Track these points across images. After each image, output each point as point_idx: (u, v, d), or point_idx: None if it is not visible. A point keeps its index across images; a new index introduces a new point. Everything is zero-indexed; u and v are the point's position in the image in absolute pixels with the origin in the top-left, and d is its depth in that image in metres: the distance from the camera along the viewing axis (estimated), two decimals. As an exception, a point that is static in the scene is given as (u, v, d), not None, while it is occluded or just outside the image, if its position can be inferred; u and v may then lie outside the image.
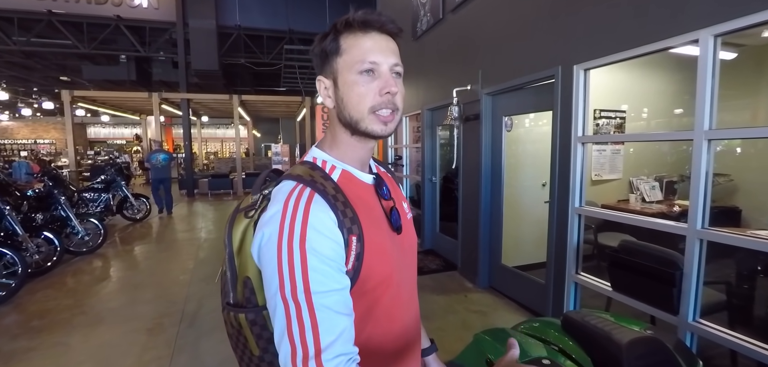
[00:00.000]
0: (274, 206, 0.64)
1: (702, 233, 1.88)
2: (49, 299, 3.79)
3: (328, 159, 0.74)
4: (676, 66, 3.60)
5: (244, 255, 0.69)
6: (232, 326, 0.72)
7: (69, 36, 10.04)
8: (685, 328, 1.95)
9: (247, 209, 0.72)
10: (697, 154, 1.86)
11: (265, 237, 0.63)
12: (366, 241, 0.66)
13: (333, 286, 0.60)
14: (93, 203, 6.63)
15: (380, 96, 0.69)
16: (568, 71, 2.62)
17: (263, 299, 0.67)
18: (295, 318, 0.58)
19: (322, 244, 0.61)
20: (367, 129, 0.70)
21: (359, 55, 0.68)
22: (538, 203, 3.78)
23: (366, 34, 0.69)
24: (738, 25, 1.69)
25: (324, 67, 0.73)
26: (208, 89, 12.25)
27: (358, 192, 0.72)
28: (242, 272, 0.70)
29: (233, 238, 0.71)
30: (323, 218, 0.62)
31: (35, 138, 21.89)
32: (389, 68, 0.69)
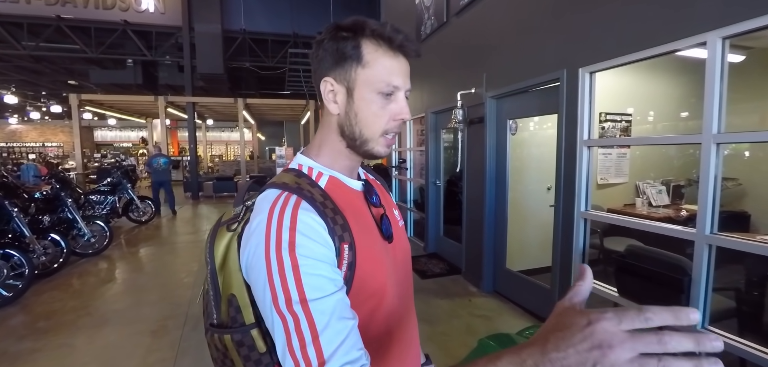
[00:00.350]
0: (257, 216, 0.60)
1: (711, 239, 1.85)
2: (55, 301, 3.81)
3: (315, 166, 0.70)
4: (682, 69, 3.58)
5: (228, 271, 0.65)
6: (217, 349, 0.67)
7: (77, 41, 10.16)
8: (694, 334, 1.92)
9: (230, 222, 0.68)
10: (706, 158, 1.84)
11: (251, 250, 0.59)
12: (358, 249, 0.62)
13: (329, 289, 0.56)
14: (99, 205, 6.68)
15: (393, 121, 0.67)
16: (574, 74, 2.61)
17: (250, 318, 0.64)
18: (294, 331, 0.54)
19: (313, 248, 0.57)
20: (372, 150, 0.68)
21: (384, 75, 0.64)
22: (543, 206, 3.76)
23: (394, 55, 0.65)
24: (746, 27, 1.67)
25: (336, 70, 0.66)
26: (213, 93, 12.34)
27: (348, 199, 0.68)
28: (226, 290, 0.65)
29: (215, 253, 0.66)
30: (312, 224, 0.59)
31: (43, 141, 22.15)
32: (405, 94, 0.67)
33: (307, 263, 0.56)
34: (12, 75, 13.55)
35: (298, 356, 0.53)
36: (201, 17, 10.29)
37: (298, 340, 0.53)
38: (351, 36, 0.65)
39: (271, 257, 0.56)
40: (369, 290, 0.64)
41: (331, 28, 0.67)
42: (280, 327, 0.54)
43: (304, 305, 0.54)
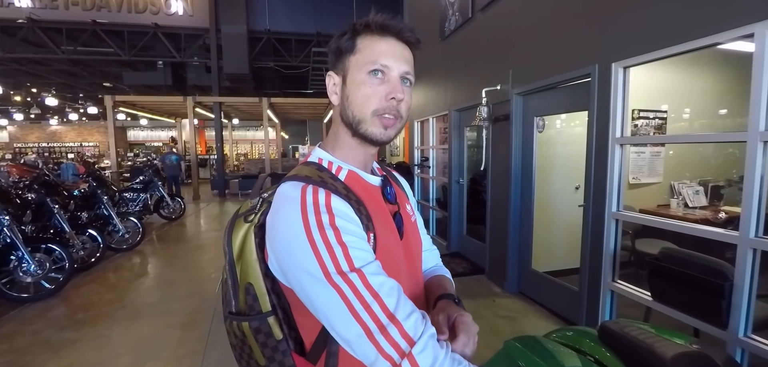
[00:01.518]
0: (287, 205, 0.62)
1: (756, 242, 1.74)
2: (92, 293, 4.00)
3: (334, 160, 0.72)
4: (721, 63, 3.39)
5: (245, 261, 0.68)
6: (236, 335, 0.70)
7: (111, 44, 10.63)
8: (735, 343, 1.82)
9: (247, 214, 0.71)
10: (752, 157, 1.73)
11: (286, 235, 0.60)
12: (379, 241, 0.66)
13: (372, 258, 0.60)
14: (132, 202, 6.96)
15: (386, 101, 0.67)
16: (606, 69, 2.51)
17: (267, 306, 0.67)
18: (354, 296, 0.56)
19: (351, 227, 0.61)
20: (366, 131, 0.69)
21: (372, 56, 0.67)
22: (571, 206, 3.66)
23: (382, 37, 0.69)
24: (797, 17, 1.56)
25: (336, 64, 0.72)
26: (239, 92, 12.63)
27: (367, 193, 0.71)
28: (244, 279, 0.68)
29: (233, 244, 0.69)
30: (345, 209, 0.62)
31: (81, 141, 23.29)
32: (399, 74, 0.68)
33: (350, 238, 0.59)
34: (52, 78, 14.31)
35: (365, 318, 0.55)
36: (227, 18, 10.57)
37: (360, 303, 0.56)
38: (349, 32, 0.70)
39: (314, 235, 0.58)
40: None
41: (337, 34, 0.73)
42: (336, 297, 0.56)
43: (358, 272, 0.57)
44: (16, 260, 3.70)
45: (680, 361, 1.19)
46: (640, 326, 1.47)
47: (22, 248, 3.69)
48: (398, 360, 0.55)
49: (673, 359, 1.19)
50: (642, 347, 1.31)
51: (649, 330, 1.43)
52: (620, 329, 1.42)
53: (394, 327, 0.56)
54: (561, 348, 1.42)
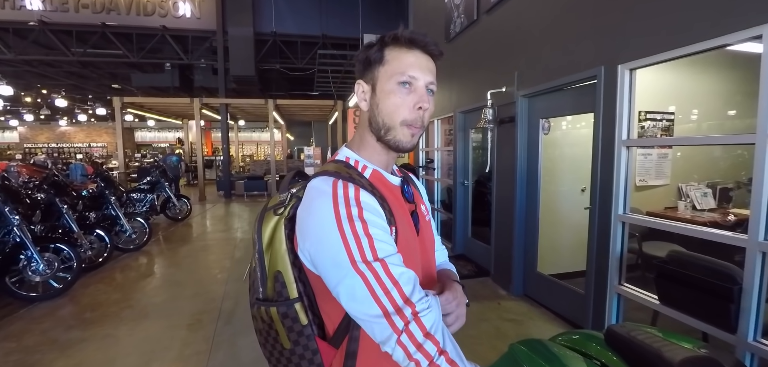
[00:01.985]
0: (319, 198, 0.68)
1: (765, 246, 1.72)
2: (100, 293, 4.04)
3: (360, 159, 0.78)
4: (730, 64, 3.35)
5: (274, 251, 0.73)
6: (263, 320, 0.75)
7: (120, 46, 10.77)
8: (744, 348, 1.80)
9: (276, 207, 0.76)
10: (760, 158, 1.71)
11: (317, 227, 0.66)
12: (399, 236, 0.72)
13: (393, 251, 0.67)
14: (139, 203, 7.02)
15: (414, 111, 0.73)
16: (612, 71, 2.50)
17: (294, 293, 0.72)
18: (376, 282, 0.62)
19: (377, 220, 0.67)
20: (394, 138, 0.74)
21: (400, 67, 0.73)
22: (577, 209, 3.63)
23: (410, 50, 0.74)
24: (807, 18, 1.54)
25: (365, 73, 0.77)
26: (245, 94, 12.71)
27: (389, 191, 0.77)
28: (273, 267, 0.73)
29: (263, 235, 0.75)
30: (372, 203, 0.69)
31: (89, 142, 23.57)
32: (425, 85, 0.74)
33: (375, 231, 0.65)
34: (62, 80, 14.51)
35: (384, 301, 0.62)
36: (234, 21, 10.66)
37: (381, 288, 0.62)
38: (376, 43, 0.76)
39: (344, 228, 0.64)
40: None
41: (365, 44, 0.79)
42: (360, 282, 0.63)
43: (380, 262, 0.64)
44: (26, 259, 3.75)
45: (687, 365, 1.17)
46: (647, 330, 1.46)
47: (31, 248, 3.74)
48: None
49: (680, 363, 1.18)
50: (649, 351, 1.29)
51: (656, 334, 1.42)
52: (627, 333, 1.41)
53: (409, 309, 0.62)
54: (567, 352, 1.41)
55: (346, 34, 11.07)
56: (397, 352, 0.62)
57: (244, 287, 4.14)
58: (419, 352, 0.61)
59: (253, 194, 11.91)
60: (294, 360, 0.74)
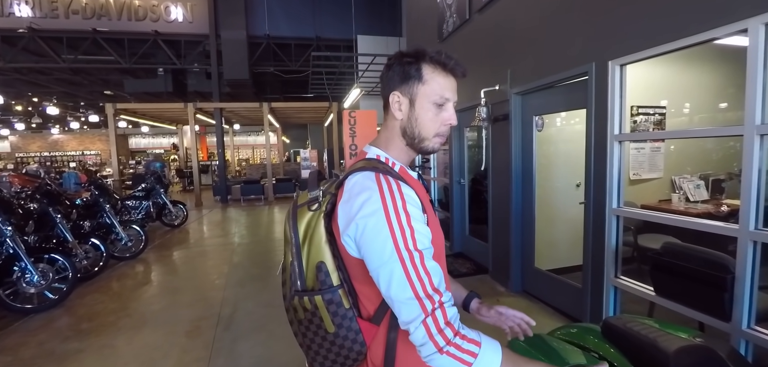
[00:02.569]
0: (365, 192, 0.76)
1: (756, 235, 1.75)
2: (96, 303, 4.01)
3: (389, 157, 0.88)
4: (721, 57, 3.39)
5: (314, 244, 0.81)
6: (306, 310, 0.82)
7: (112, 52, 10.69)
8: (739, 335, 1.83)
9: (309, 203, 0.84)
10: (749, 150, 1.74)
11: (367, 216, 0.73)
12: (429, 217, 0.81)
13: (428, 244, 0.76)
14: (135, 210, 6.99)
15: (444, 125, 0.86)
16: (603, 67, 2.53)
17: (337, 281, 0.80)
18: (412, 269, 0.71)
19: (416, 212, 0.76)
20: (427, 147, 0.87)
21: (438, 90, 0.84)
22: (572, 204, 3.66)
23: (446, 75, 0.85)
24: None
25: (402, 85, 0.86)
26: (239, 98, 12.67)
27: (414, 182, 0.86)
28: (314, 259, 0.81)
29: (298, 230, 0.83)
30: (412, 195, 0.78)
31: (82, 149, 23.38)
32: (453, 104, 0.88)
33: (416, 224, 0.75)
34: (53, 87, 14.38)
35: (417, 286, 0.71)
36: (227, 24, 10.62)
37: (416, 275, 0.71)
38: (414, 61, 0.84)
39: (391, 217, 0.73)
40: (435, 252, 0.80)
41: (398, 55, 0.87)
42: (400, 268, 0.71)
43: (419, 252, 0.73)
44: (19, 270, 3.72)
45: (683, 354, 1.19)
46: (643, 321, 1.48)
47: (25, 259, 3.71)
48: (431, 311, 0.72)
49: (676, 352, 1.20)
50: (645, 341, 1.31)
51: (652, 325, 1.44)
52: (623, 325, 1.43)
53: (437, 296, 0.72)
54: (565, 346, 1.43)
55: (340, 36, 11.07)
56: (419, 331, 0.70)
57: (243, 292, 4.14)
58: (439, 334, 0.70)
59: (249, 198, 11.87)
60: (337, 342, 0.82)
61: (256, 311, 3.64)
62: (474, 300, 1.12)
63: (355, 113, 6.41)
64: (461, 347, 0.70)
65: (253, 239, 6.83)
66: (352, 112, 6.39)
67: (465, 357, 0.70)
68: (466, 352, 0.70)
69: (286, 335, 3.15)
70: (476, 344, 0.71)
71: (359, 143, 6.37)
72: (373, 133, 6.53)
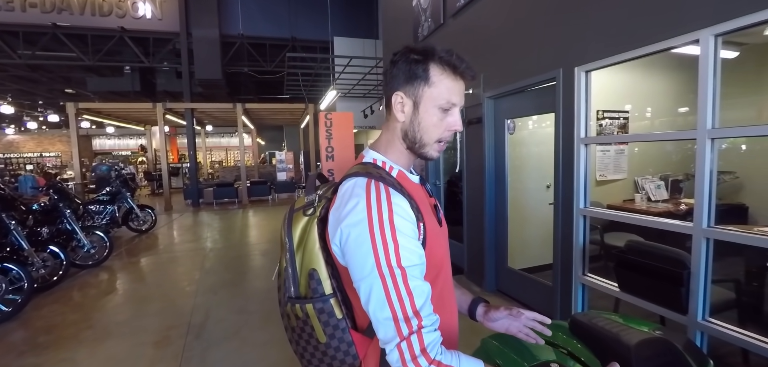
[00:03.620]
0: (354, 199, 0.72)
1: (708, 232, 1.86)
2: (55, 314, 3.80)
3: (387, 161, 0.83)
4: (680, 65, 3.59)
5: (308, 250, 0.78)
6: (298, 317, 0.78)
7: (73, 49, 10.17)
8: (695, 327, 1.94)
9: (305, 208, 0.81)
10: (701, 153, 1.85)
11: (352, 226, 0.70)
12: (427, 228, 0.76)
13: (417, 261, 0.71)
14: (99, 215, 6.67)
15: (448, 131, 0.80)
16: (570, 73, 2.62)
17: (329, 289, 0.76)
18: (393, 288, 0.67)
19: (405, 225, 0.71)
20: (427, 153, 0.82)
21: (445, 94, 0.78)
22: (544, 204, 3.77)
23: (454, 78, 0.79)
24: (738, 24, 1.68)
25: (406, 86, 0.79)
26: (212, 98, 12.34)
27: (413, 188, 0.82)
28: (307, 265, 0.77)
29: (293, 235, 0.79)
30: (403, 205, 0.72)
31: (41, 151, 22.11)
32: (460, 108, 0.81)
33: (403, 238, 0.69)
34: (8, 85, 13.55)
35: (396, 306, 0.67)
36: (198, 22, 10.31)
37: (396, 294, 0.67)
38: (421, 60, 0.77)
39: (374, 230, 0.68)
40: (434, 262, 0.78)
41: (404, 51, 0.80)
42: (380, 285, 0.68)
43: (402, 270, 0.68)
44: (-31, 281, 3.48)
45: (642, 347, 1.26)
46: (607, 316, 1.54)
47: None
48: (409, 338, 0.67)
49: (636, 345, 1.26)
50: (608, 336, 1.37)
51: (616, 320, 1.50)
52: (589, 321, 1.48)
53: (416, 321, 0.67)
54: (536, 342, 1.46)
55: (316, 37, 10.97)
56: (393, 354, 0.67)
57: (215, 299, 4.03)
58: (412, 362, 0.66)
59: (223, 201, 11.58)
60: (329, 353, 0.78)
61: (228, 318, 3.55)
62: (480, 306, 1.07)
63: (332, 115, 6.37)
64: None
65: (226, 244, 6.66)
66: (328, 114, 6.35)
67: None
68: None
69: (260, 342, 3.09)
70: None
71: (336, 145, 6.34)
72: (349, 136, 6.51)
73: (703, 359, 1.40)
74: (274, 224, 8.40)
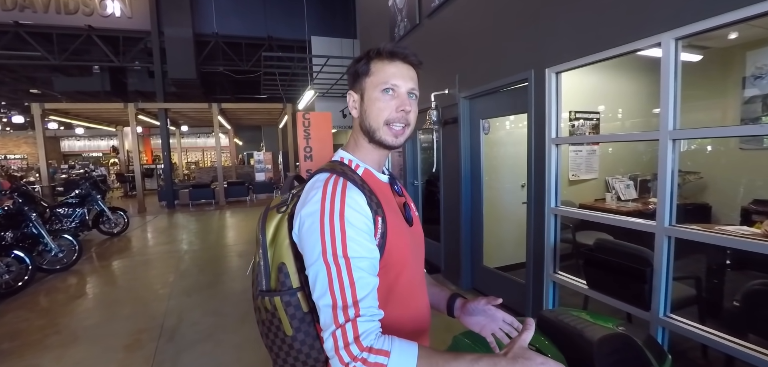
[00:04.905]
0: (312, 191, 0.77)
1: (670, 230, 1.94)
2: (20, 320, 3.64)
3: (353, 159, 0.88)
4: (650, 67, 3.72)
5: (278, 245, 0.81)
6: (267, 310, 0.81)
7: (38, 48, 9.72)
8: (657, 323, 2.01)
9: (279, 206, 0.85)
10: (663, 153, 1.93)
11: (307, 215, 0.75)
12: (388, 224, 0.80)
13: (364, 254, 0.73)
14: (67, 218, 6.41)
15: (396, 112, 0.84)
16: (541, 74, 2.68)
17: (296, 283, 0.79)
18: (336, 277, 0.71)
19: (357, 219, 0.74)
20: (381, 139, 0.85)
21: (384, 77, 0.83)
22: (518, 204, 3.84)
23: (392, 62, 0.84)
24: (697, 28, 1.76)
25: (354, 84, 0.88)
26: (187, 98, 12.02)
27: (378, 186, 0.87)
28: (277, 260, 0.81)
29: (266, 231, 0.83)
30: (357, 199, 0.76)
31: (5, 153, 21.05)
32: (406, 91, 0.85)
33: (351, 230, 0.73)
34: (-32, 84, 12.85)
35: (337, 295, 0.70)
36: (171, 21, 10.00)
37: (338, 283, 0.71)
38: (364, 59, 0.86)
39: (325, 220, 0.73)
40: (396, 258, 0.81)
41: (353, 60, 0.90)
42: (324, 273, 0.71)
43: (346, 259, 0.72)
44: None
45: (604, 343, 1.30)
46: (574, 313, 1.59)
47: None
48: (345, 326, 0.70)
49: (598, 341, 1.30)
50: (573, 332, 1.41)
51: (581, 317, 1.55)
52: (555, 317, 1.53)
53: (353, 310, 0.70)
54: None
55: (293, 36, 10.83)
56: (328, 341, 0.70)
57: (190, 302, 3.94)
58: (345, 349, 0.68)
59: (199, 202, 11.31)
60: (295, 346, 0.80)
61: (202, 321, 3.48)
62: (457, 301, 1.07)
63: (310, 115, 6.31)
64: (368, 361, 0.67)
65: (202, 246, 6.51)
66: (306, 114, 6.29)
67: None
68: (374, 365, 0.67)
69: (234, 344, 3.04)
70: (385, 355, 0.67)
71: (314, 145, 6.28)
72: (328, 136, 6.47)
73: (662, 354, 1.46)
74: (252, 224, 8.26)
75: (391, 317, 0.79)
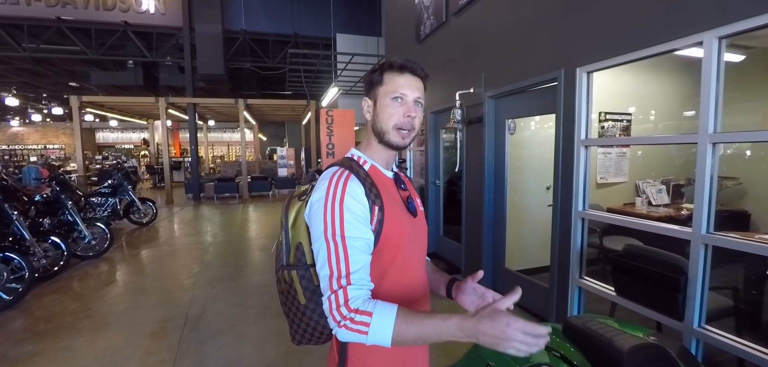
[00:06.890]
0: (322, 182, 0.91)
1: (707, 238, 1.84)
2: (55, 304, 3.83)
3: (362, 156, 1.01)
4: (686, 67, 3.56)
5: (297, 228, 0.96)
6: (285, 282, 0.96)
7: (77, 42, 10.20)
8: (690, 334, 1.92)
9: (300, 195, 1.00)
10: (702, 157, 1.83)
11: (315, 201, 0.90)
12: (386, 213, 0.92)
13: (359, 235, 0.87)
14: (100, 207, 6.70)
15: (403, 118, 0.96)
16: (571, 74, 2.60)
17: (310, 260, 0.93)
18: (334, 252, 0.85)
19: (354, 206, 0.87)
20: (389, 140, 0.97)
21: (394, 87, 0.96)
22: (543, 206, 3.75)
23: (402, 74, 0.97)
24: (743, 27, 1.66)
25: (369, 91, 1.01)
26: (214, 93, 12.36)
27: (382, 181, 0.98)
28: (295, 240, 0.96)
29: (289, 215, 0.98)
30: (356, 189, 0.89)
31: (45, 143, 22.22)
32: (413, 100, 0.97)
33: (349, 215, 0.87)
34: (13, 77, 13.61)
35: (334, 267, 0.85)
36: (201, 17, 10.31)
37: (335, 257, 0.85)
38: (378, 70, 1.00)
39: (327, 205, 0.87)
40: (391, 242, 0.93)
41: (370, 70, 1.02)
42: (325, 248, 0.86)
43: (343, 239, 0.86)
44: (-30, 270, 3.50)
45: (635, 353, 1.24)
46: (602, 320, 1.53)
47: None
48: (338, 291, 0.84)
49: (629, 351, 1.25)
50: (601, 340, 1.36)
51: (610, 325, 1.49)
52: (582, 324, 1.47)
53: (345, 280, 0.84)
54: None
55: (319, 34, 10.96)
56: (324, 304, 0.85)
57: (213, 293, 4.04)
58: (337, 310, 0.83)
59: (223, 196, 11.60)
60: (307, 314, 0.96)
61: (225, 312, 3.56)
62: (455, 284, 1.13)
63: (333, 112, 6.37)
64: (355, 320, 0.81)
65: (225, 238, 6.67)
66: (329, 111, 6.35)
67: (360, 328, 0.81)
68: (360, 323, 0.81)
69: (256, 335, 3.10)
70: (368, 314, 0.81)
71: (336, 142, 6.34)
72: (350, 133, 6.51)
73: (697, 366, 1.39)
74: (273, 219, 8.41)
75: (386, 290, 0.93)
